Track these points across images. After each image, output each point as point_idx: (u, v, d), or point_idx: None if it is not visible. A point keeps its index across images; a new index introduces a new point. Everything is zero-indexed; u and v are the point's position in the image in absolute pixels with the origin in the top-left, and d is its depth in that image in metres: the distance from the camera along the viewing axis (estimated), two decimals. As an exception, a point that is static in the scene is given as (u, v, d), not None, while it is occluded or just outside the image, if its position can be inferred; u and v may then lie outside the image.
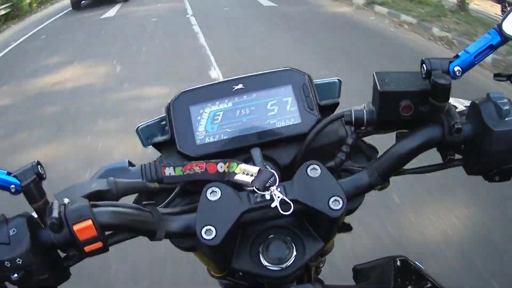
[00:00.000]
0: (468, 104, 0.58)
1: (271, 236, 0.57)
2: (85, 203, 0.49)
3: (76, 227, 0.47)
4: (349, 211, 0.64)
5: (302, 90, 0.65)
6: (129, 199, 0.62)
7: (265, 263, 0.55)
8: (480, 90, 2.35)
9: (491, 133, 0.53)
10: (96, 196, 0.55)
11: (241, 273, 0.89)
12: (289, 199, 0.52)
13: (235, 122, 0.65)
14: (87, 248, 0.48)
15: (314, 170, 0.54)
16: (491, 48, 0.59)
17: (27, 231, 0.47)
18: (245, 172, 0.56)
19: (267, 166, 0.59)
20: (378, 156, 0.66)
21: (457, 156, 0.60)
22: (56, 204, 0.49)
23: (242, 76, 0.68)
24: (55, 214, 0.47)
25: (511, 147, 0.53)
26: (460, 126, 0.54)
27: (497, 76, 0.63)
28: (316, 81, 0.69)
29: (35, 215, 0.51)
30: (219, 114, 0.65)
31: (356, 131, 0.59)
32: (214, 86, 0.67)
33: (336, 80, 0.72)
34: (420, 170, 0.62)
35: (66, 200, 0.49)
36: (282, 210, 0.52)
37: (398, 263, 0.70)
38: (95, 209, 0.49)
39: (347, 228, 0.69)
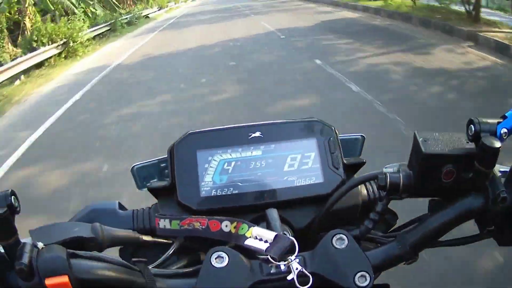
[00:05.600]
0: (504, 169, 0.53)
1: None
2: (63, 253, 0.40)
3: (48, 282, 0.39)
4: None
5: (328, 145, 0.59)
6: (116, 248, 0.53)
7: None
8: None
9: None
10: (77, 243, 0.46)
11: None
12: (309, 272, 0.46)
13: (248, 176, 0.57)
14: None
15: (341, 241, 0.48)
16: None
17: None
18: (257, 237, 0.49)
19: (285, 232, 0.51)
20: (397, 222, 0.60)
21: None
22: (28, 246, 0.40)
23: (261, 123, 0.61)
24: (25, 259, 0.39)
25: None
26: (506, 195, 0.48)
27: None
28: (339, 136, 0.62)
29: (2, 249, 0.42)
30: (231, 164, 0.58)
31: (389, 197, 0.52)
32: (227, 130, 0.60)
33: (359, 137, 0.67)
34: (454, 242, 0.56)
35: (40, 245, 0.41)
36: (299, 284, 0.45)
37: None
38: (74, 261, 0.41)
39: None
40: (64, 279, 0.39)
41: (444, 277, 2.01)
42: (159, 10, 24.91)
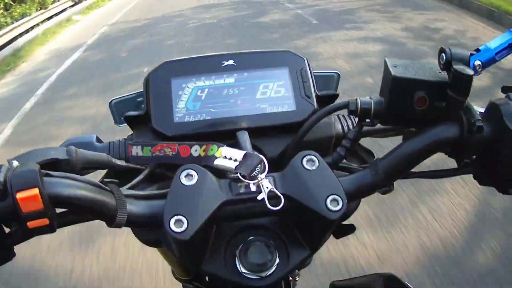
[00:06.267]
0: (482, 110, 0.53)
1: (251, 238, 0.50)
2: (35, 168, 0.41)
3: (19, 195, 0.39)
4: (344, 215, 0.56)
5: (300, 75, 0.60)
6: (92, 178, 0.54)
7: (241, 269, 0.48)
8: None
9: None
10: (52, 166, 0.48)
11: (209, 278, 0.81)
12: (280, 193, 0.45)
13: (221, 102, 0.58)
14: (30, 224, 0.40)
15: (311, 162, 0.47)
16: (511, 47, 0.55)
17: None
18: (227, 157, 0.49)
19: (255, 152, 0.51)
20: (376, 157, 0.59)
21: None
22: (4, 168, 0.41)
23: (234, 52, 0.61)
24: (0, 177, 0.39)
25: None
26: (481, 124, 0.47)
27: (505, 89, 0.57)
28: (314, 71, 0.63)
29: None
30: (204, 91, 0.59)
31: (361, 123, 0.52)
32: (201, 59, 0.61)
33: (335, 74, 0.68)
34: (429, 174, 0.55)
35: (15, 163, 0.42)
36: (270, 205, 0.45)
37: (386, 281, 0.62)
38: (46, 178, 0.42)
39: (349, 229, 0.60)
40: (35, 191, 0.39)
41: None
42: (74, 5, 10.84)
